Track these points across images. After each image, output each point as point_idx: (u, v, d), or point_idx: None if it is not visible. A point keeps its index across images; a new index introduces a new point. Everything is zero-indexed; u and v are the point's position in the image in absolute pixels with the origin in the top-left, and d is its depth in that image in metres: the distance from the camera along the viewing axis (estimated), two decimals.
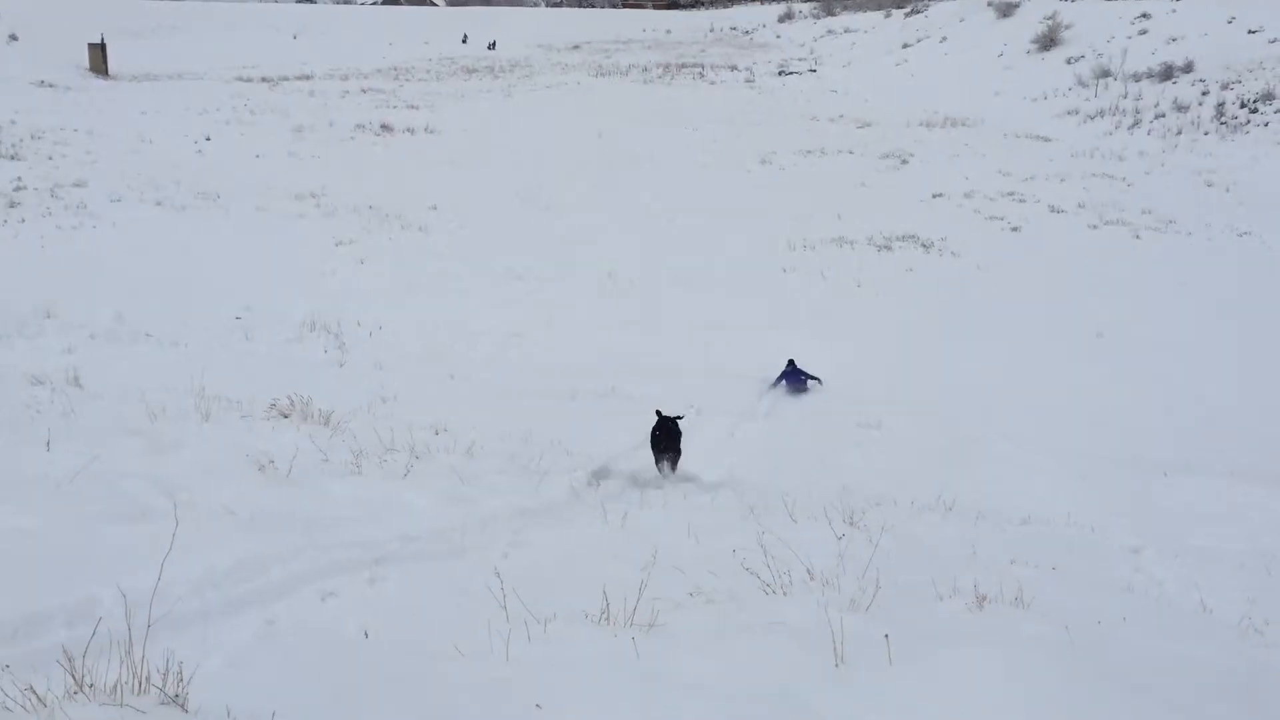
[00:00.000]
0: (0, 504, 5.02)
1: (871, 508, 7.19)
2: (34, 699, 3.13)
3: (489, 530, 5.98)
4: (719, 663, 4.00)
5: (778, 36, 74.46)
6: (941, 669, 3.89)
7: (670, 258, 17.58)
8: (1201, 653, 4.64)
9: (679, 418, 8.50)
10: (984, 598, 4.82)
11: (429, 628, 4.31)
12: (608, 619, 4.38)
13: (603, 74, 49.03)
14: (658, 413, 8.49)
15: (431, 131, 29.46)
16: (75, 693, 3.23)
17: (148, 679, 3.28)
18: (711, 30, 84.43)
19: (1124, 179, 25.70)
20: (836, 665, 3.91)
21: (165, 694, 3.26)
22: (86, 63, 39.38)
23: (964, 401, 11.69)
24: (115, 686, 3.24)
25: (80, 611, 3.88)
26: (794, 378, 12.28)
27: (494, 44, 66.36)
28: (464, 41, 68.39)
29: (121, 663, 3.31)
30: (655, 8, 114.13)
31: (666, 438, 8.23)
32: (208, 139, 26.16)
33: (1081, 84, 37.40)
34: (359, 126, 29.28)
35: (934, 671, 3.87)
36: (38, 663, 3.44)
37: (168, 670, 3.30)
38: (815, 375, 12.31)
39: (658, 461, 8.27)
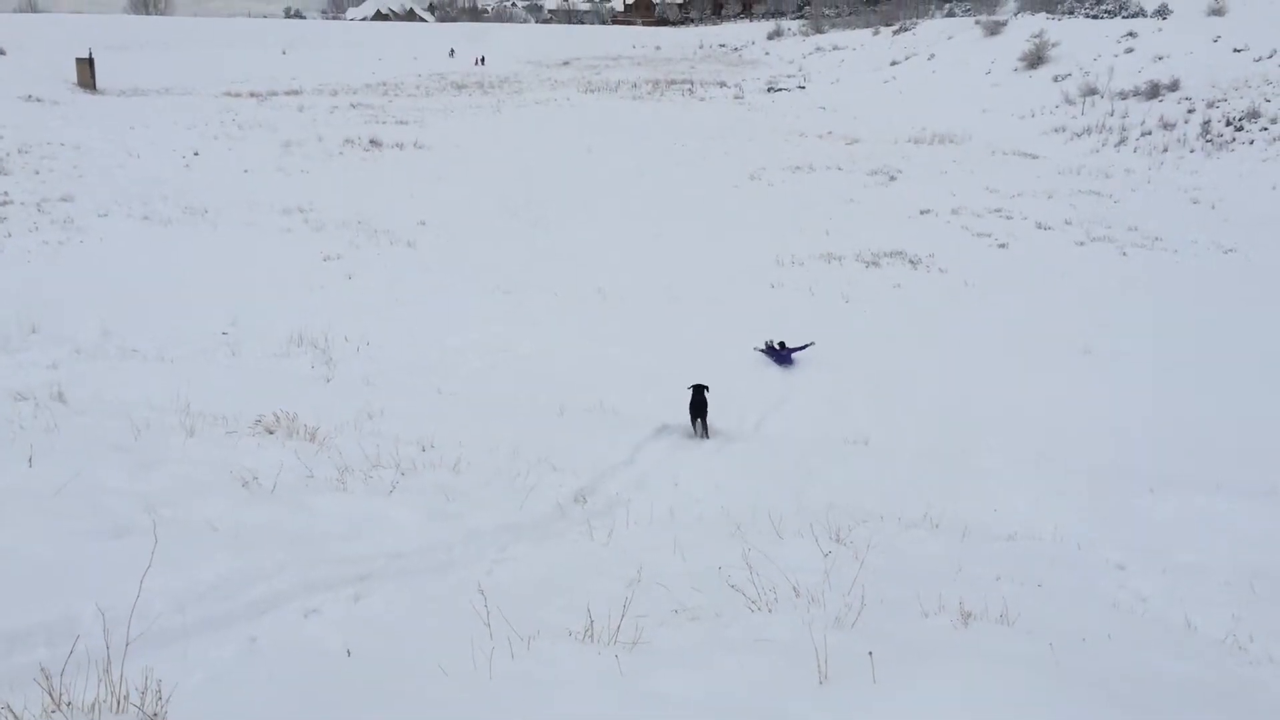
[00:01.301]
0: None
1: (858, 524, 7.18)
2: (11, 717, 3.10)
3: (474, 546, 5.96)
4: (703, 680, 3.99)
5: (767, 53, 74.94)
6: (926, 686, 3.88)
7: (659, 273, 17.59)
8: (1187, 670, 4.64)
9: (706, 387, 10.26)
10: (969, 614, 4.82)
11: (413, 645, 4.29)
12: (592, 636, 4.36)
13: (592, 90, 49.22)
14: (692, 386, 10.25)
15: (420, 147, 29.50)
16: (53, 711, 3.20)
17: (126, 697, 3.26)
18: (701, 47, 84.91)
19: (1110, 196, 25.87)
20: (821, 682, 3.90)
21: (144, 712, 3.24)
22: (74, 77, 39.38)
23: (951, 417, 11.70)
24: (94, 705, 3.22)
25: (59, 629, 3.84)
26: (784, 358, 13.33)
27: (482, 59, 66.54)
28: (451, 55, 68.58)
29: (100, 681, 3.29)
30: (645, 24, 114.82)
31: (698, 401, 10.12)
32: (195, 154, 26.13)
33: (1068, 101, 37.67)
34: (348, 142, 29.30)
35: (918, 689, 3.86)
36: (16, 681, 3.42)
37: (146, 688, 3.28)
38: (804, 345, 13.39)
39: (693, 421, 10.15)
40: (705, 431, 10.26)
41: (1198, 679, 4.54)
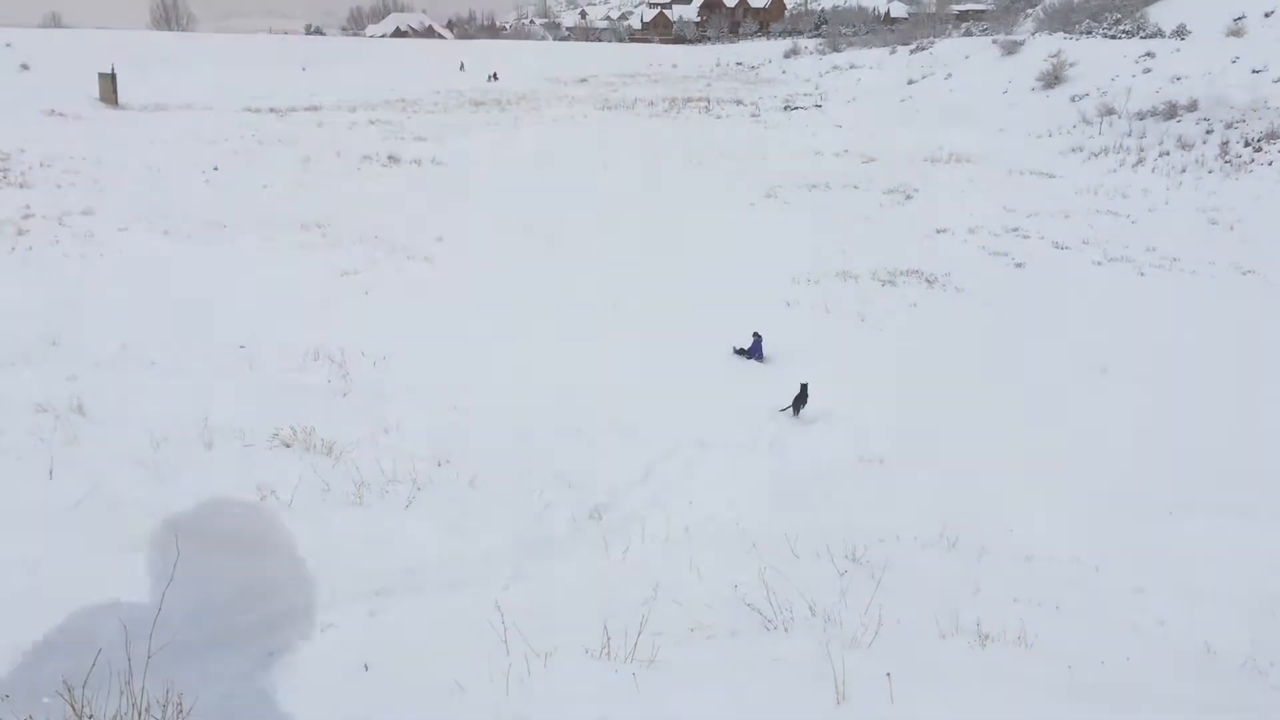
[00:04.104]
0: (1, 532, 5.01)
1: (874, 543, 7.16)
2: None
3: (490, 563, 5.96)
4: (720, 700, 3.98)
5: (783, 72, 75.14)
6: (944, 709, 3.86)
7: (674, 290, 17.62)
8: (1206, 694, 4.61)
9: (806, 383, 11.64)
10: (986, 636, 4.80)
11: (429, 661, 4.29)
12: (608, 654, 4.36)
13: (609, 107, 49.40)
14: (801, 384, 11.69)
15: (438, 163, 29.64)
16: None
17: (147, 710, 3.28)
18: (718, 65, 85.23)
19: (1128, 216, 25.79)
20: (838, 703, 3.88)
21: None
22: (97, 92, 39.77)
23: (967, 436, 11.67)
24: (115, 718, 3.23)
25: (80, 641, 3.87)
26: (757, 352, 14.35)
27: (494, 75, 66.81)
28: (461, 69, 68.94)
29: (121, 693, 3.30)
30: (662, 42, 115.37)
31: (803, 395, 11.66)
32: (215, 169, 26.33)
33: (1085, 121, 37.62)
34: (366, 158, 29.47)
35: (936, 711, 3.84)
36: (38, 693, 3.43)
37: (167, 701, 3.30)
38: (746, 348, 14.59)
39: (794, 406, 11.68)
40: (798, 413, 11.76)
41: (1218, 704, 4.50)
